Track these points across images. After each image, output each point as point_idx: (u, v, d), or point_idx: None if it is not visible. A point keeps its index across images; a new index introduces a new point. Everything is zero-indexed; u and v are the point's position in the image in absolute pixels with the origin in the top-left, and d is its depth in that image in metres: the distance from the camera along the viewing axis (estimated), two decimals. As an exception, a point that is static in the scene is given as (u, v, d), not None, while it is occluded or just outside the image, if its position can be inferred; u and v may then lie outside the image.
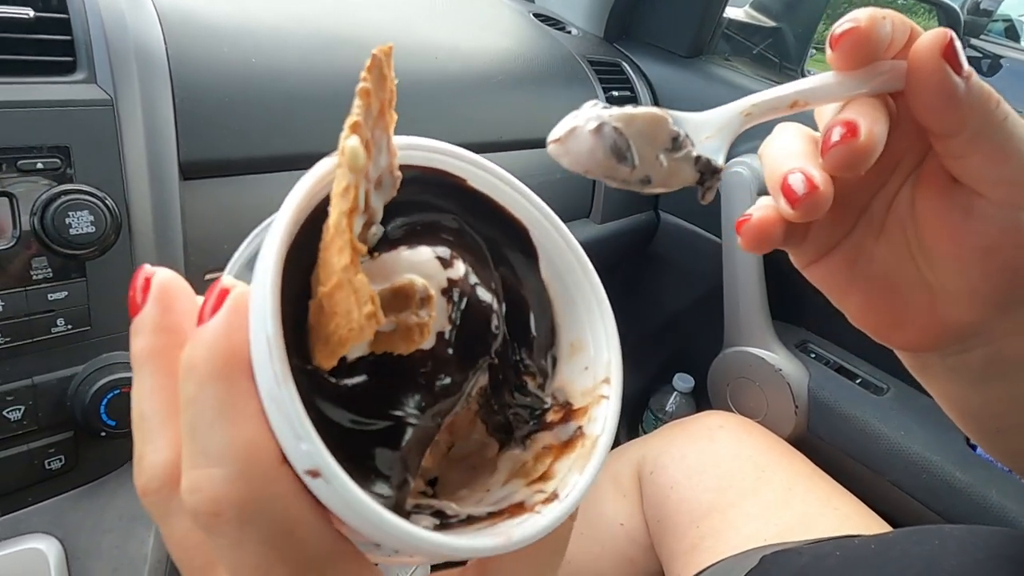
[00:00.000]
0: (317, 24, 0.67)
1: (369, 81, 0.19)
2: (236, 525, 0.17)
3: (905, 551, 0.49)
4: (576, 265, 0.25)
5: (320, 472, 0.16)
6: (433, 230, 0.23)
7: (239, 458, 0.17)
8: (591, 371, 0.24)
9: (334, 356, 0.18)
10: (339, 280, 0.17)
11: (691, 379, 1.24)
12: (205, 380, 0.17)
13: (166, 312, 0.20)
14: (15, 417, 0.46)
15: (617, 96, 1.03)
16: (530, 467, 0.23)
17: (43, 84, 0.45)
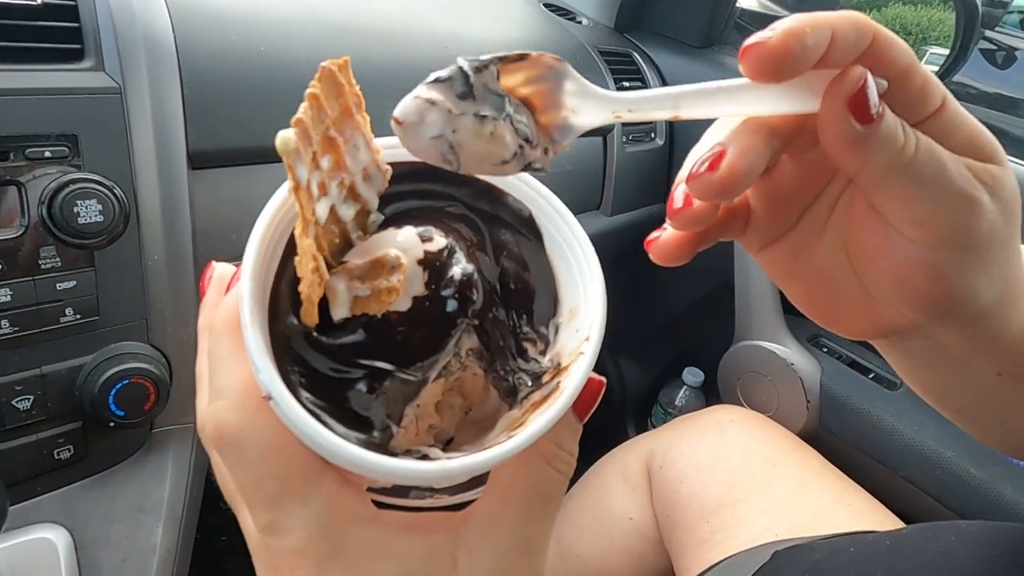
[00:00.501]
0: (326, 13, 0.67)
1: (318, 88, 0.22)
2: (235, 446, 0.22)
3: (920, 547, 0.49)
4: (575, 241, 0.28)
5: (271, 396, 0.20)
6: (432, 215, 0.26)
7: (236, 393, 0.22)
8: (580, 332, 0.26)
9: (309, 313, 0.22)
10: (300, 247, 0.21)
11: (701, 373, 1.23)
12: (216, 335, 0.22)
13: (219, 294, 0.25)
14: (24, 407, 0.46)
15: (628, 86, 1.02)
16: (516, 420, 0.25)
17: (51, 72, 0.45)
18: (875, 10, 2.04)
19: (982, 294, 0.26)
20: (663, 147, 1.09)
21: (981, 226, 0.24)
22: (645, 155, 1.05)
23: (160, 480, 0.54)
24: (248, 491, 0.22)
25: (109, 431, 0.50)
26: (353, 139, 0.23)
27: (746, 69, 0.23)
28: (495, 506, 0.25)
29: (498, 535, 0.24)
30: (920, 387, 0.35)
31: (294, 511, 0.22)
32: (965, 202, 0.24)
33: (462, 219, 0.27)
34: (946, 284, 0.25)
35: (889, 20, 2.27)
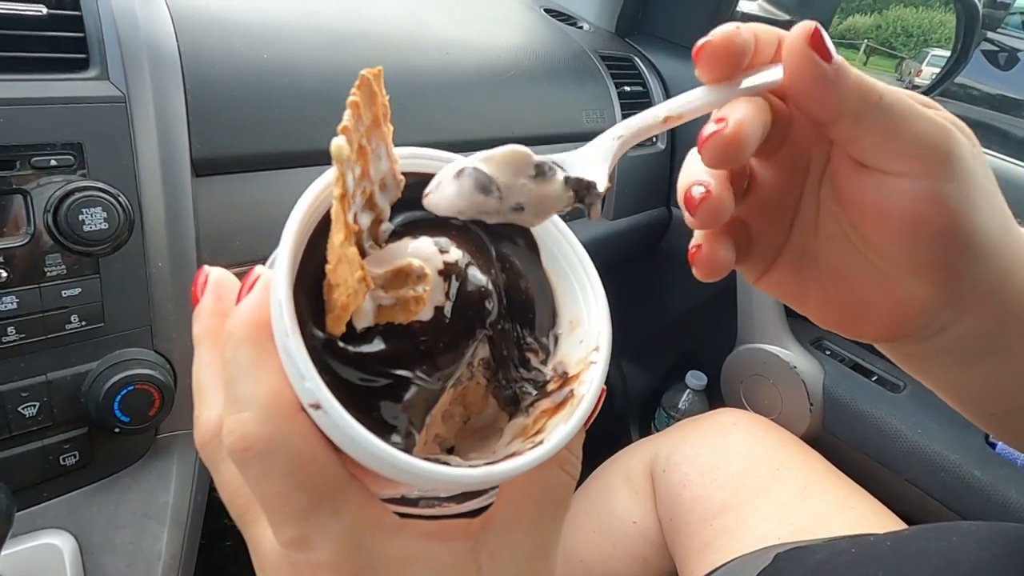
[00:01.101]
0: (328, 20, 0.67)
1: (358, 96, 0.22)
2: (262, 458, 0.21)
3: (922, 548, 0.49)
4: (572, 254, 0.28)
5: (320, 404, 0.20)
6: (437, 226, 0.26)
7: (263, 403, 0.21)
8: (585, 343, 0.27)
9: (340, 322, 0.22)
10: (339, 256, 0.21)
11: (704, 376, 1.23)
12: (239, 343, 0.21)
13: (218, 301, 0.25)
14: (30, 413, 0.46)
15: (629, 91, 1.02)
16: (530, 428, 0.26)
17: (56, 81, 0.45)
18: (876, 12, 2.04)
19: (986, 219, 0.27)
20: (664, 151, 1.09)
21: (964, 149, 0.26)
22: (646, 159, 1.06)
23: (165, 485, 0.55)
24: (275, 505, 0.21)
25: (114, 437, 0.50)
26: (377, 149, 0.24)
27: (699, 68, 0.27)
28: (512, 511, 0.25)
29: (516, 539, 0.25)
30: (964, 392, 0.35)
31: (325, 524, 0.21)
32: (942, 129, 0.26)
33: (465, 230, 0.27)
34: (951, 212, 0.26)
35: (890, 22, 2.27)
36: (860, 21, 1.94)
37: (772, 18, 1.23)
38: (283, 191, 0.59)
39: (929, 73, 2.20)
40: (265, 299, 0.22)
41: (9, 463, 0.46)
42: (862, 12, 1.90)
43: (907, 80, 2.43)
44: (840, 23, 1.49)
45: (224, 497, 0.24)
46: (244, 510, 0.24)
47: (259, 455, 0.21)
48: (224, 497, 0.24)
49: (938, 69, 1.20)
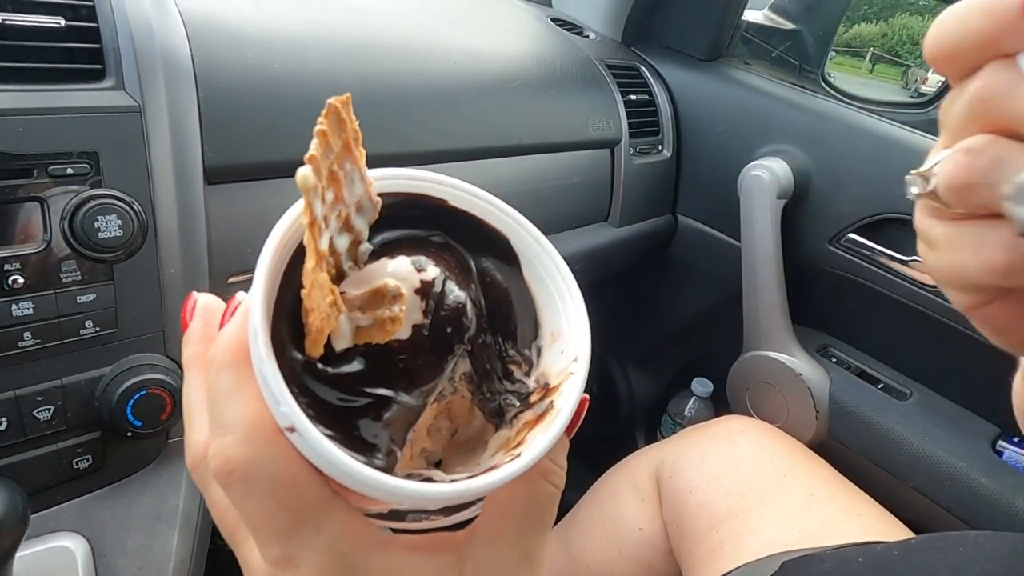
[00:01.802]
0: (338, 30, 0.68)
1: (325, 124, 0.23)
2: (244, 480, 0.21)
3: (929, 557, 0.49)
4: (552, 266, 0.28)
5: (295, 427, 0.20)
6: (417, 244, 0.27)
7: (244, 426, 0.21)
8: (565, 354, 0.27)
9: (317, 344, 0.22)
10: (311, 281, 0.21)
11: (710, 384, 1.24)
12: (220, 369, 0.22)
13: (206, 326, 0.25)
14: (45, 417, 0.47)
15: (635, 99, 1.03)
16: (511, 440, 0.26)
17: (73, 91, 0.46)
18: (882, 21, 2.04)
19: None
20: (671, 159, 1.10)
21: None
22: (653, 167, 1.06)
23: (176, 489, 0.55)
24: (259, 526, 0.22)
25: (126, 441, 0.51)
26: (350, 173, 0.24)
27: None
28: (496, 523, 0.25)
29: (501, 551, 0.25)
30: None
31: (308, 542, 0.22)
32: None
33: (446, 247, 0.28)
34: None
35: (896, 30, 2.28)
36: (866, 29, 1.95)
37: (778, 27, 1.24)
38: (293, 199, 0.59)
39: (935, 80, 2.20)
40: (245, 325, 0.22)
41: (24, 466, 0.47)
42: (868, 20, 1.90)
43: (913, 88, 2.43)
44: (846, 31, 1.50)
45: (214, 517, 0.25)
46: (233, 530, 0.24)
47: (242, 478, 0.21)
48: (214, 517, 0.25)
49: (943, 77, 1.21)
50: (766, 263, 0.98)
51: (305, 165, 0.22)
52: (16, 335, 0.44)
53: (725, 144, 1.07)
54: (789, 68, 1.23)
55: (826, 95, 1.07)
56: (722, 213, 1.08)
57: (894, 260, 0.91)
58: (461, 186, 0.28)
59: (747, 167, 0.99)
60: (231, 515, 0.24)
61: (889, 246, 0.91)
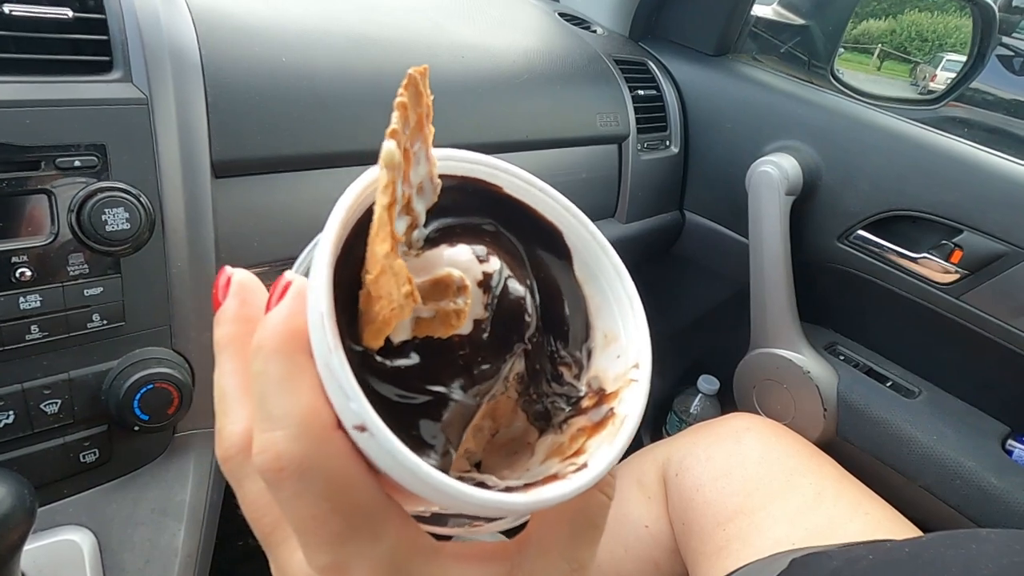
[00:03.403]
0: (346, 24, 0.68)
1: (405, 96, 0.21)
2: (296, 479, 0.19)
3: (940, 554, 0.48)
4: (608, 264, 0.27)
5: (366, 426, 0.18)
6: (472, 232, 0.25)
7: (298, 421, 0.19)
8: (623, 359, 0.26)
9: (380, 335, 0.21)
10: (382, 267, 0.20)
11: (716, 381, 1.23)
12: (270, 356, 0.20)
13: (243, 305, 0.23)
14: (52, 410, 0.47)
15: (643, 95, 1.02)
16: (565, 446, 0.25)
17: (80, 83, 0.46)
18: (890, 17, 2.03)
19: None
20: (678, 155, 1.09)
21: None
22: (660, 163, 1.06)
23: (182, 484, 0.55)
24: (309, 529, 0.20)
25: (133, 435, 0.51)
26: (418, 152, 0.23)
27: None
28: (549, 533, 0.24)
29: (553, 562, 0.24)
30: None
31: (361, 550, 0.20)
32: None
33: (498, 237, 0.26)
34: None
35: (905, 27, 2.26)
36: (874, 25, 1.93)
37: (787, 22, 1.23)
38: (301, 193, 0.59)
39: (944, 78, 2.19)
40: (298, 309, 0.20)
41: (31, 460, 0.47)
42: (876, 17, 1.89)
43: (922, 85, 2.41)
44: (854, 27, 1.49)
45: (248, 514, 0.23)
46: (270, 530, 0.22)
47: (293, 476, 0.19)
48: (248, 514, 0.23)
49: (953, 74, 1.20)
50: (774, 260, 0.98)
51: (389, 140, 0.20)
52: (23, 328, 0.44)
53: (733, 140, 1.06)
54: (798, 64, 1.22)
55: (835, 91, 1.06)
56: (730, 209, 1.07)
57: (904, 257, 0.90)
58: (517, 172, 0.26)
59: (755, 163, 0.98)
60: (269, 514, 0.22)
61: (899, 243, 0.90)
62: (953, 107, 1.39)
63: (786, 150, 0.99)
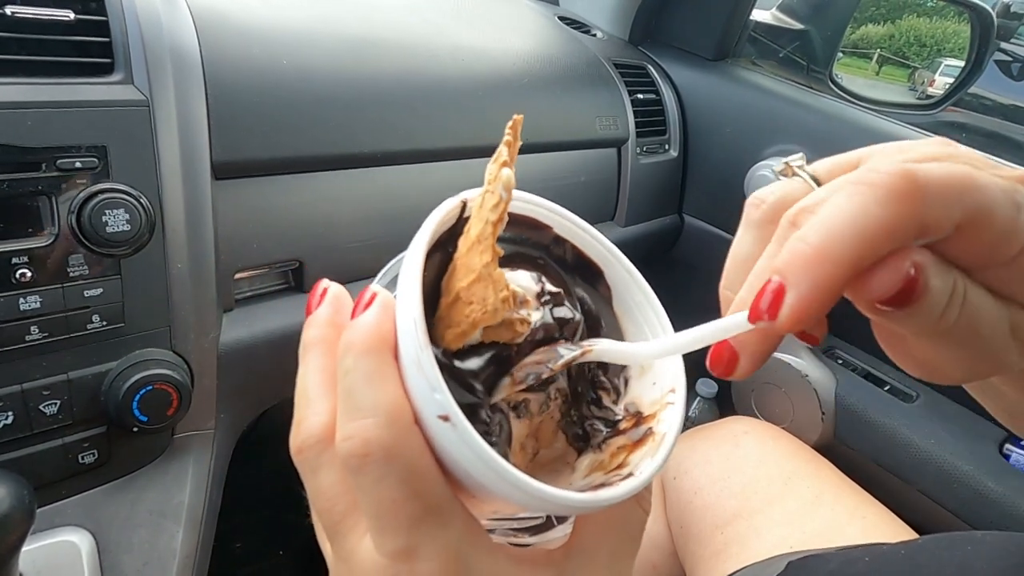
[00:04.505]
0: (346, 26, 0.68)
1: (511, 135, 0.25)
2: (382, 463, 0.21)
3: (936, 556, 0.48)
4: (644, 301, 0.30)
5: (449, 416, 0.21)
6: (526, 260, 0.29)
7: (385, 411, 0.21)
8: (658, 385, 0.28)
9: (465, 337, 0.24)
10: (479, 274, 0.23)
11: (714, 384, 1.23)
12: (360, 354, 0.22)
13: (336, 313, 0.26)
14: (51, 411, 0.47)
15: (642, 98, 1.03)
16: (607, 462, 0.27)
17: (82, 85, 0.46)
18: (889, 22, 2.03)
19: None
20: (677, 158, 1.09)
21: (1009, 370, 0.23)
22: (659, 166, 1.06)
23: (181, 485, 0.55)
24: (387, 512, 0.22)
25: (132, 436, 0.51)
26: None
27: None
28: (593, 543, 0.26)
29: (597, 570, 0.25)
30: None
31: (433, 535, 0.22)
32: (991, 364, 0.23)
33: (548, 269, 0.29)
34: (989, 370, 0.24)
35: (903, 32, 2.27)
36: (873, 31, 1.94)
37: (786, 27, 1.24)
38: (301, 195, 0.60)
39: (942, 83, 2.19)
40: (386, 317, 0.23)
41: (30, 460, 0.47)
42: (875, 22, 1.90)
43: (920, 89, 2.42)
44: (853, 32, 1.49)
45: (318, 504, 0.24)
46: (340, 518, 0.23)
47: (379, 461, 0.21)
48: (318, 504, 0.24)
49: (951, 79, 1.20)
50: (772, 264, 0.98)
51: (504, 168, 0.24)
52: (23, 329, 0.44)
53: (732, 144, 1.07)
54: (797, 68, 1.23)
55: (834, 95, 1.06)
56: (728, 213, 1.07)
57: (901, 262, 0.90)
58: (567, 215, 0.29)
59: (754, 167, 0.98)
60: (340, 502, 0.23)
61: (896, 247, 0.90)
62: (951, 112, 1.39)
63: (785, 154, 0.99)
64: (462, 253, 0.24)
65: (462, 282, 0.23)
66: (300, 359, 0.25)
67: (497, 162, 0.24)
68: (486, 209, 0.23)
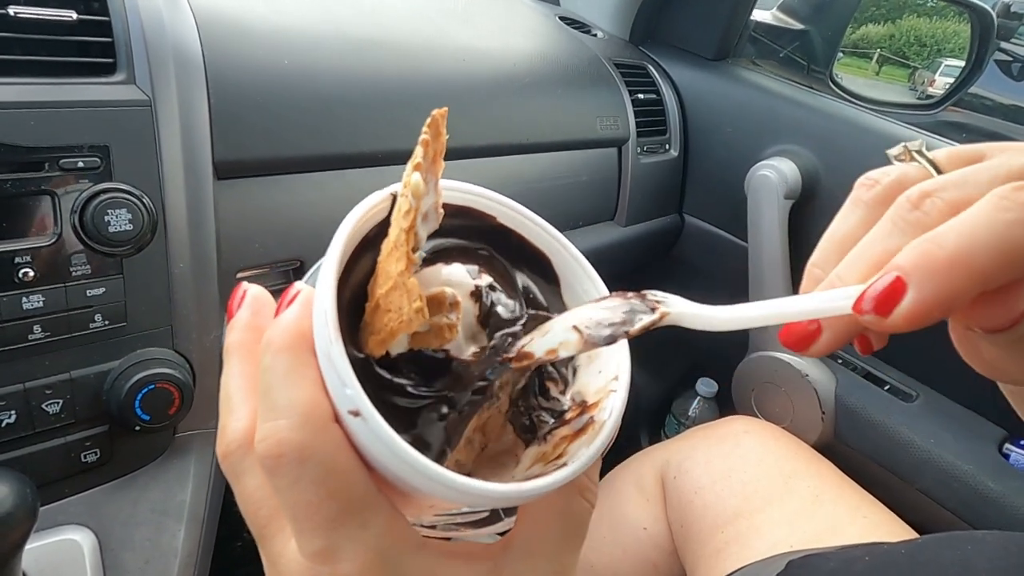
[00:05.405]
0: (348, 27, 0.68)
1: (428, 134, 0.23)
2: (295, 465, 0.21)
3: (937, 555, 0.49)
4: (592, 289, 0.29)
5: (360, 411, 0.20)
6: (466, 254, 0.28)
7: (299, 411, 0.21)
8: (603, 373, 0.28)
9: (384, 345, 0.23)
10: (395, 283, 0.22)
11: (714, 384, 1.23)
12: (278, 351, 0.22)
13: (255, 315, 0.25)
14: (53, 410, 0.47)
15: (643, 98, 1.03)
16: (549, 453, 0.26)
17: (84, 85, 0.46)
18: (889, 22, 2.03)
19: None
20: (678, 158, 1.09)
21: None
22: (660, 166, 1.06)
23: (183, 484, 0.55)
24: (303, 515, 0.21)
25: (134, 435, 0.51)
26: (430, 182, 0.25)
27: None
28: (533, 535, 0.25)
29: (537, 564, 0.25)
30: None
31: (353, 535, 0.21)
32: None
33: (491, 260, 0.28)
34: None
35: (904, 32, 2.27)
36: (873, 31, 1.94)
37: (786, 27, 1.24)
38: (303, 195, 0.60)
39: (943, 83, 2.19)
40: (305, 313, 0.22)
41: (32, 459, 0.47)
42: (875, 22, 1.90)
43: (920, 90, 2.42)
44: (853, 32, 1.49)
45: (245, 509, 0.24)
46: (266, 522, 0.23)
47: (292, 462, 0.21)
48: (245, 509, 0.24)
49: (951, 79, 1.20)
50: (773, 263, 0.98)
51: (415, 172, 0.23)
52: (26, 328, 0.45)
53: (732, 144, 1.07)
54: (797, 68, 1.23)
55: (834, 95, 1.06)
56: (729, 213, 1.07)
57: (901, 261, 0.90)
58: (510, 204, 0.29)
59: (755, 167, 0.98)
60: (264, 506, 0.23)
61: (897, 247, 0.90)
62: (951, 112, 1.39)
63: (785, 154, 0.99)
64: (383, 257, 0.23)
65: (382, 288, 0.22)
66: (223, 365, 0.25)
67: (412, 164, 0.23)
68: (399, 215, 0.23)
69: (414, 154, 0.23)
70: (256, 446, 0.21)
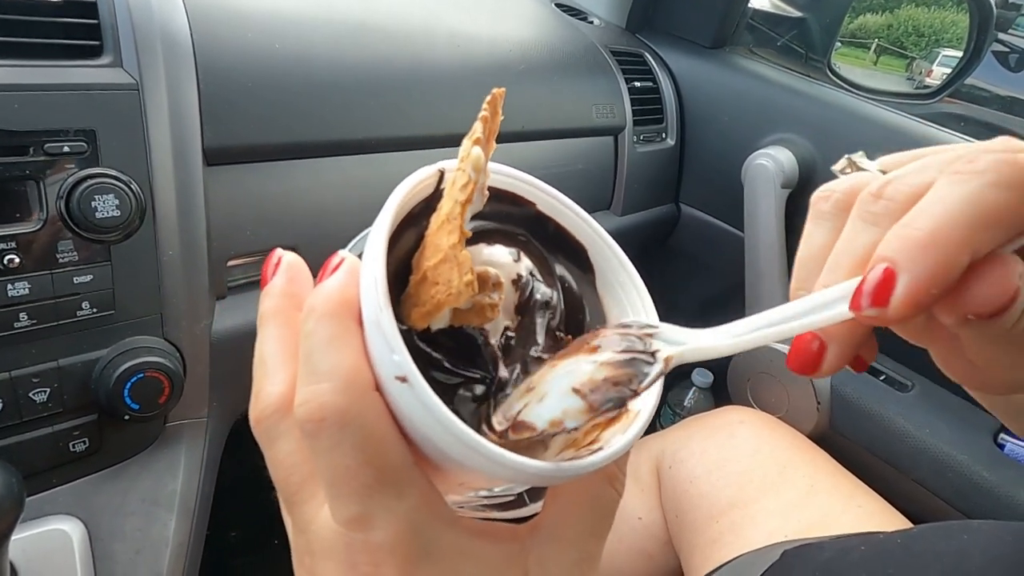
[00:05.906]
0: (341, 11, 0.67)
1: (487, 111, 0.24)
2: (336, 429, 0.21)
3: (932, 545, 0.48)
4: (627, 279, 0.29)
5: (407, 377, 0.20)
6: (506, 237, 0.28)
7: (342, 376, 0.21)
8: None
9: (429, 317, 0.23)
10: (446, 255, 0.22)
11: (710, 374, 1.23)
12: (322, 317, 0.22)
13: (290, 282, 0.25)
14: (41, 399, 0.46)
15: (639, 86, 1.02)
16: (580, 440, 0.26)
17: (70, 68, 0.46)
18: (887, 12, 2.03)
19: None
20: (674, 147, 1.09)
21: None
22: (656, 155, 1.05)
23: (173, 473, 0.55)
24: (341, 479, 0.21)
25: (123, 424, 0.50)
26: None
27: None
28: (561, 520, 0.25)
29: (564, 549, 0.25)
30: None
31: (388, 504, 0.21)
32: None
33: (529, 246, 0.28)
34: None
35: (902, 21, 2.26)
36: (871, 20, 1.93)
37: (784, 15, 1.23)
38: (294, 182, 0.59)
39: (940, 73, 2.19)
40: (350, 280, 0.22)
41: (19, 448, 0.46)
42: (873, 11, 1.89)
43: (918, 80, 2.42)
44: (851, 22, 1.49)
45: (276, 474, 0.24)
46: (297, 488, 0.23)
47: (333, 426, 0.21)
48: (276, 474, 0.24)
49: (949, 69, 1.20)
50: (769, 253, 0.97)
51: (475, 146, 0.23)
52: (12, 315, 0.44)
53: (729, 133, 1.06)
54: (795, 57, 1.22)
55: (832, 85, 1.06)
56: (725, 202, 1.07)
57: (898, 251, 0.90)
58: (551, 192, 0.29)
59: (751, 156, 0.98)
60: (297, 472, 0.23)
61: (893, 237, 0.90)
62: (949, 103, 1.39)
63: (782, 143, 0.99)
64: (432, 231, 0.23)
65: (430, 261, 0.22)
66: (258, 330, 0.25)
67: (471, 139, 0.23)
68: (456, 188, 0.23)
69: (472, 129, 0.23)
70: (296, 410, 0.21)
